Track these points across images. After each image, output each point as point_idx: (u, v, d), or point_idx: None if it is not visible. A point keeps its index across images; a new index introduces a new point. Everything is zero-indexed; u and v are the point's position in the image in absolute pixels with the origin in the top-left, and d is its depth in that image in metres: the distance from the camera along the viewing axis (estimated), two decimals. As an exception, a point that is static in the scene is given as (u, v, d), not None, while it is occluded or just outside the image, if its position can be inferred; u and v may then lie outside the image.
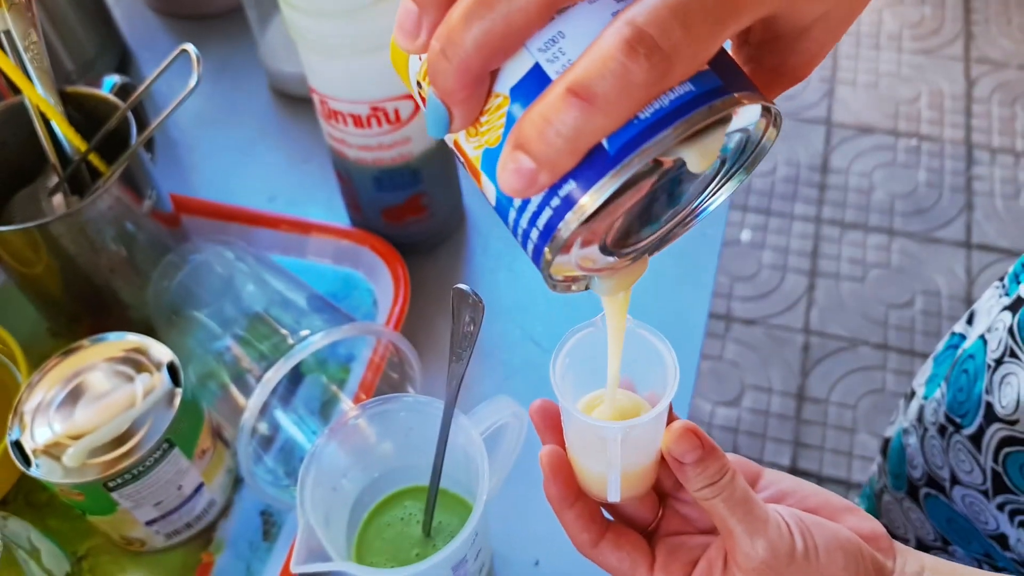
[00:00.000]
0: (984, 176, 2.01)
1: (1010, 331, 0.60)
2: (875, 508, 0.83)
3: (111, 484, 0.52)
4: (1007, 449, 0.60)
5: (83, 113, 0.64)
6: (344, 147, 0.64)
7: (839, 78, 2.21)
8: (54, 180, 0.64)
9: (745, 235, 1.99)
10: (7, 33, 0.61)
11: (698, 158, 0.26)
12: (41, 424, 0.53)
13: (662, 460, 0.39)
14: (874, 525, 0.39)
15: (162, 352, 0.56)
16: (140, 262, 0.65)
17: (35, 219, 0.58)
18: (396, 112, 0.61)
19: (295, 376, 0.65)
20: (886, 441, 0.80)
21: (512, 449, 0.51)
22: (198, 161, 0.82)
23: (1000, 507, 0.62)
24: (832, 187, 2.03)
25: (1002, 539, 0.64)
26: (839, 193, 2.02)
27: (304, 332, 0.56)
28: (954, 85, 2.18)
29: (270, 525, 0.60)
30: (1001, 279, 0.65)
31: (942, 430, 0.67)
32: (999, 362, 0.60)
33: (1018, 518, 0.61)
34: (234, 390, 0.61)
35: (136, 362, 0.55)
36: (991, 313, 0.64)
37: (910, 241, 1.92)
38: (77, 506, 0.54)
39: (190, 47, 0.57)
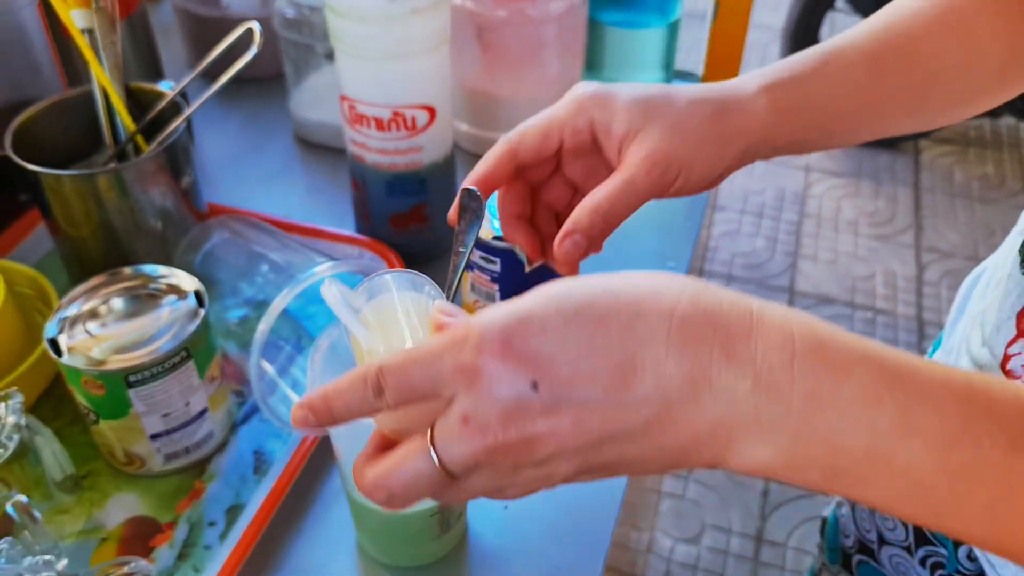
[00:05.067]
0: (935, 349, 2.13)
1: None
2: None
3: (132, 379, 0.57)
4: None
5: (140, 109, 0.75)
6: (364, 151, 0.74)
7: (801, 253, 2.38)
8: (107, 157, 0.73)
9: (710, 386, 2.07)
10: (90, 31, 0.72)
11: None
12: (76, 327, 0.59)
13: None
14: None
15: (191, 282, 0.63)
16: (171, 235, 0.73)
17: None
18: (413, 120, 0.72)
19: (299, 346, 0.72)
20: (823, 520, 0.85)
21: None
22: (222, 195, 0.92)
23: (923, 562, 0.66)
24: (793, 348, 2.14)
25: None
26: (800, 354, 2.12)
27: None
28: (906, 267, 2.35)
29: (261, 462, 0.65)
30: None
31: None
32: None
33: (939, 572, 0.65)
34: (242, 355, 0.68)
35: (167, 286, 0.62)
36: None
37: (866, 401, 2.01)
38: (94, 405, 0.59)
39: (255, 24, 0.68)
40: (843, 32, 0.55)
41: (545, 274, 0.68)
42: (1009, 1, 0.53)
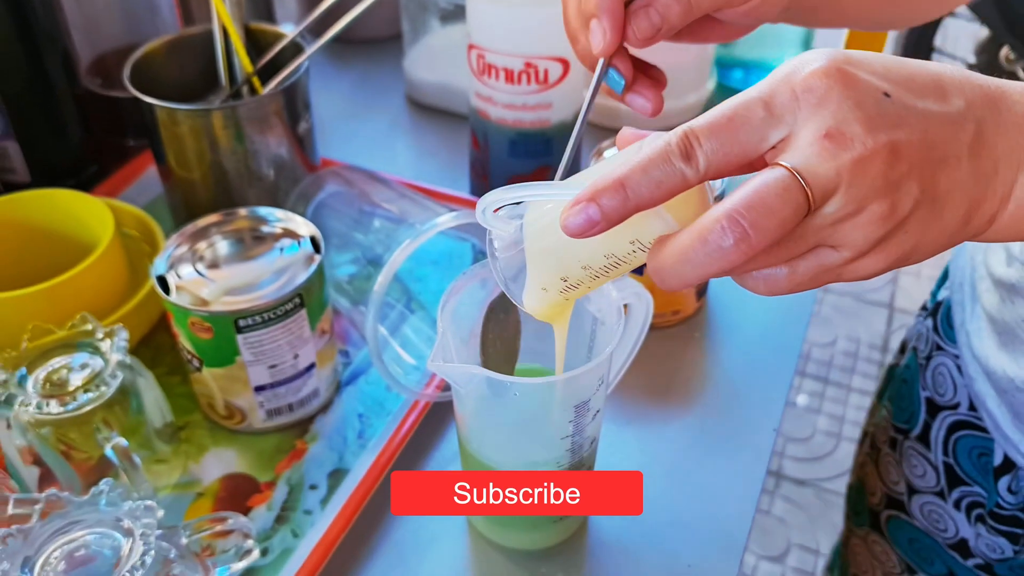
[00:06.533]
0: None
1: (934, 329, 0.68)
2: (843, 559, 0.86)
3: (241, 323, 0.53)
4: (956, 435, 0.65)
5: (258, 51, 0.71)
6: (489, 106, 0.70)
7: (903, 268, 2.27)
8: (222, 98, 0.70)
9: (802, 399, 1.98)
10: (213, -32, 0.68)
11: None
12: (186, 265, 0.56)
13: None
14: None
15: (307, 227, 0.59)
16: (283, 184, 0.69)
17: (206, 115, 0.63)
18: (546, 72, 0.67)
19: (409, 307, 0.67)
20: (849, 487, 0.84)
21: (638, 333, 0.52)
22: (333, 153, 0.88)
23: (956, 504, 0.66)
24: (892, 366, 2.03)
25: (962, 547, 0.67)
26: (899, 373, 2.02)
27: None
28: (1017, 289, 2.22)
29: (366, 426, 0.60)
30: (924, 307, 0.74)
31: (893, 443, 0.72)
32: (929, 359, 0.68)
33: (976, 512, 0.65)
34: (352, 312, 0.64)
35: (283, 230, 0.58)
36: (918, 332, 0.72)
37: (970, 427, 1.90)
38: (199, 350, 0.55)
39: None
40: None
41: None
42: None
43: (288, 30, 0.72)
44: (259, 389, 0.57)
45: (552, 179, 0.41)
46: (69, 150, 0.76)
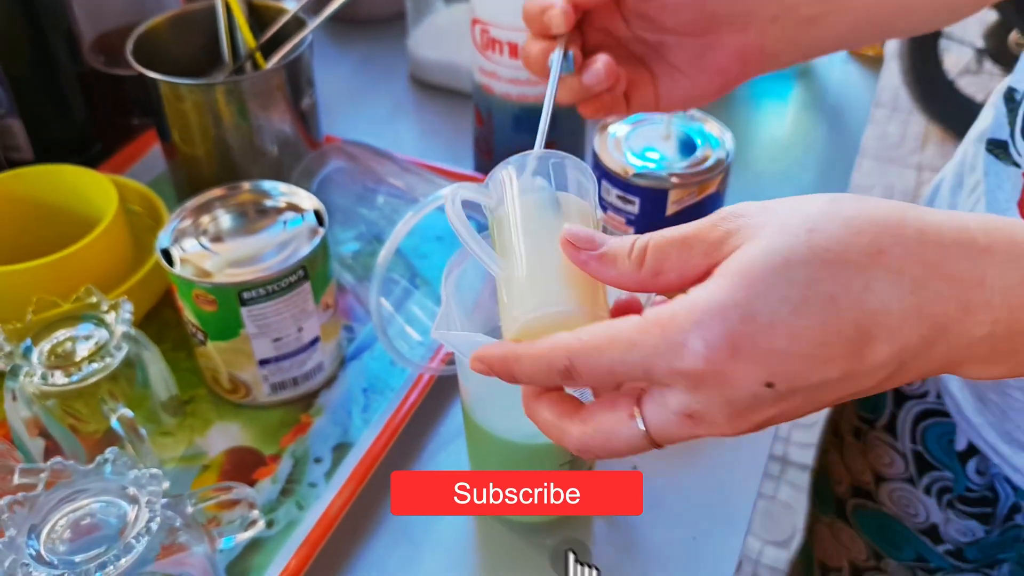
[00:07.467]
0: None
1: None
2: (807, 545, 0.84)
3: (245, 295, 0.53)
4: (924, 424, 0.63)
5: (260, 27, 0.71)
6: (493, 81, 0.69)
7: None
8: (226, 74, 0.70)
9: (807, 385, 1.98)
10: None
11: None
12: (190, 238, 0.56)
13: None
14: None
15: (310, 200, 0.58)
16: (286, 161, 0.69)
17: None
18: (550, 47, 0.66)
19: (413, 283, 0.67)
20: (813, 472, 0.83)
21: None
22: (337, 133, 0.88)
23: (927, 490, 0.65)
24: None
25: (933, 532, 0.66)
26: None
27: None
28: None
29: (371, 401, 0.60)
30: None
31: (857, 433, 0.70)
32: None
33: (946, 497, 0.64)
34: (356, 287, 0.63)
35: (286, 204, 0.58)
36: None
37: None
38: (203, 323, 0.55)
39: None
40: None
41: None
42: None
43: (291, 6, 0.72)
44: (263, 363, 0.57)
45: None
46: (73, 128, 0.76)
